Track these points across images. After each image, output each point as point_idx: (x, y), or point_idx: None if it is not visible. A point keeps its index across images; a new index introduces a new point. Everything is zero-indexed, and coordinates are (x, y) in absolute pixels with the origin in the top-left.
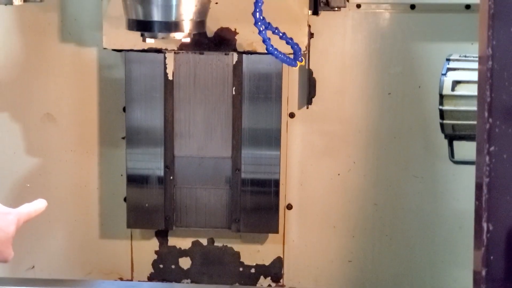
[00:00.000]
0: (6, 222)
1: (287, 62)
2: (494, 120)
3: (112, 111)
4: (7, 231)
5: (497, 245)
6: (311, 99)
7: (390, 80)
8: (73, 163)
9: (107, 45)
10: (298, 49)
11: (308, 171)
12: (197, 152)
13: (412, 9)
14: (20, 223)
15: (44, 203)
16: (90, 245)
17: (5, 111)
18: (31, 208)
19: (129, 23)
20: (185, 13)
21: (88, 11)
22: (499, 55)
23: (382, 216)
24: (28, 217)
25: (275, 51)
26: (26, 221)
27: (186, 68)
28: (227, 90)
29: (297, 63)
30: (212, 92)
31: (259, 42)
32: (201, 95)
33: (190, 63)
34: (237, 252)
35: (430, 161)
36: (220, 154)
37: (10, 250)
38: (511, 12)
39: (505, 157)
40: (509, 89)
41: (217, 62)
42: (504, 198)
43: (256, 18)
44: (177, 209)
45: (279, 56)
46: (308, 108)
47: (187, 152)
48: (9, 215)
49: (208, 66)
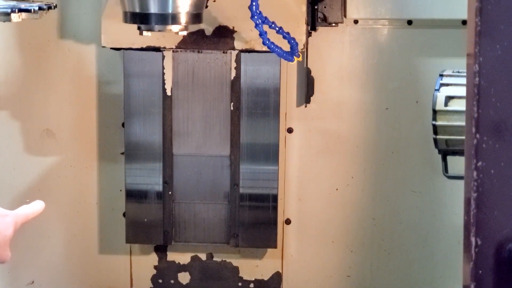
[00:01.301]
0: (3, 224)
1: (284, 56)
2: (481, 136)
3: (111, 126)
4: (4, 233)
5: (485, 259)
6: (309, 97)
7: (388, 95)
8: (72, 179)
9: (106, 44)
10: (295, 43)
11: (306, 186)
12: (196, 158)
13: (409, 24)
14: (18, 225)
15: (42, 204)
16: (89, 260)
17: (5, 127)
18: (29, 210)
19: (126, 16)
20: (181, 5)
21: (87, 28)
22: (485, 71)
23: (380, 231)
24: (26, 219)
25: (272, 44)
26: (24, 223)
27: (184, 66)
28: (225, 89)
29: (294, 58)
30: (211, 91)
31: (257, 40)
32: (199, 94)
33: (188, 62)
34: (236, 267)
35: (428, 175)
36: (219, 168)
37: (7, 252)
38: (497, 29)
39: (493, 173)
40: (496, 105)
41: (215, 60)
42: (492, 213)
43: (252, 11)
44: (176, 224)
45: (276, 50)
46: (306, 107)
47: (186, 158)
48: (7, 217)
49: (206, 65)
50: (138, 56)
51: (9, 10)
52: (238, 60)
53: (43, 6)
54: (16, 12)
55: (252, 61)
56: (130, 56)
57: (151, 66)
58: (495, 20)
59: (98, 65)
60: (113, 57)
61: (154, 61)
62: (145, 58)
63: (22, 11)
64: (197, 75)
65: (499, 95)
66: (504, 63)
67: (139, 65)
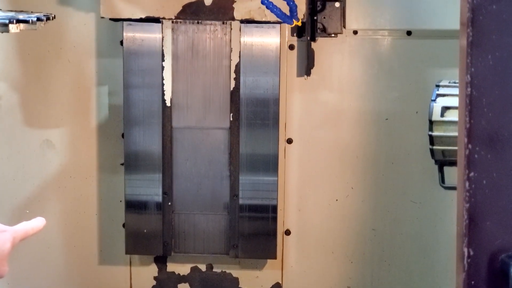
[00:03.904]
0: (1, 239)
1: (282, 18)
2: (473, 146)
3: (111, 137)
4: (2, 249)
5: (478, 270)
6: (310, 70)
7: (388, 106)
8: (72, 189)
9: (104, 14)
10: (294, 5)
11: (306, 196)
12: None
13: (408, 35)
14: (16, 240)
15: (43, 221)
16: (89, 271)
17: (5, 138)
18: (28, 226)
19: None
20: None
21: (87, 39)
22: (477, 82)
23: (380, 241)
24: (25, 235)
25: (271, 4)
26: (23, 238)
27: (184, 38)
28: (225, 63)
29: (293, 21)
30: (212, 64)
31: (256, 10)
32: (199, 65)
33: (188, 33)
34: (235, 278)
35: (428, 186)
36: (218, 179)
37: (5, 267)
38: (489, 39)
39: (485, 183)
40: (488, 115)
41: (215, 32)
42: (484, 224)
43: None
44: (176, 235)
45: (275, 11)
46: (306, 79)
47: (185, 172)
48: (5, 232)
49: (205, 37)
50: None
51: (7, 21)
52: (238, 71)
53: (41, 17)
54: (14, 23)
55: (251, 72)
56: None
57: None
58: (487, 31)
59: (97, 76)
60: (112, 68)
61: (154, 66)
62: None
63: (20, 22)
64: (196, 47)
65: (491, 106)
66: (496, 74)
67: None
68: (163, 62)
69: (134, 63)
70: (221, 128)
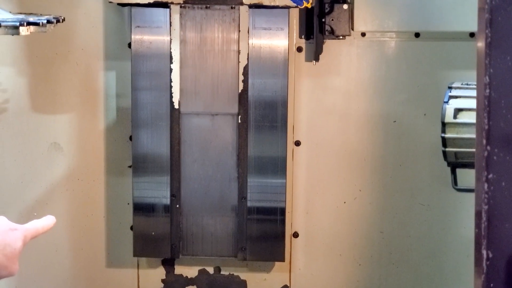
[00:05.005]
0: (13, 237)
1: (293, 0)
2: (492, 148)
3: (119, 140)
4: (14, 247)
5: (497, 272)
6: (318, 56)
7: (396, 108)
8: (80, 192)
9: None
10: None
11: (313, 199)
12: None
13: (416, 37)
14: (27, 239)
15: (53, 219)
16: (97, 273)
17: (13, 140)
18: (39, 225)
19: None
20: None
21: (95, 41)
22: (496, 83)
23: (388, 244)
24: (36, 233)
25: None
26: (33, 237)
27: (192, 23)
28: (233, 48)
29: (303, 2)
30: (220, 49)
31: None
32: (207, 51)
33: (196, 19)
34: (243, 280)
35: (436, 188)
36: (226, 181)
37: (16, 266)
38: (508, 40)
39: (504, 185)
40: (507, 117)
41: (223, 17)
42: (503, 225)
43: None
44: (184, 237)
45: None
46: (315, 65)
47: (193, 174)
48: (16, 231)
49: (214, 22)
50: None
51: (17, 23)
52: (246, 73)
53: (51, 20)
54: (24, 25)
55: (260, 74)
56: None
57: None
58: (506, 32)
59: (105, 79)
60: (120, 70)
61: (162, 64)
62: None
63: (31, 25)
64: (205, 32)
65: (509, 107)
66: None
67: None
68: (171, 65)
69: (142, 65)
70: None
